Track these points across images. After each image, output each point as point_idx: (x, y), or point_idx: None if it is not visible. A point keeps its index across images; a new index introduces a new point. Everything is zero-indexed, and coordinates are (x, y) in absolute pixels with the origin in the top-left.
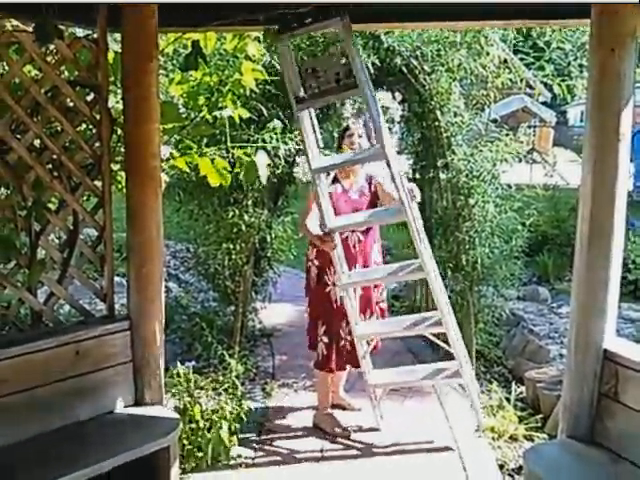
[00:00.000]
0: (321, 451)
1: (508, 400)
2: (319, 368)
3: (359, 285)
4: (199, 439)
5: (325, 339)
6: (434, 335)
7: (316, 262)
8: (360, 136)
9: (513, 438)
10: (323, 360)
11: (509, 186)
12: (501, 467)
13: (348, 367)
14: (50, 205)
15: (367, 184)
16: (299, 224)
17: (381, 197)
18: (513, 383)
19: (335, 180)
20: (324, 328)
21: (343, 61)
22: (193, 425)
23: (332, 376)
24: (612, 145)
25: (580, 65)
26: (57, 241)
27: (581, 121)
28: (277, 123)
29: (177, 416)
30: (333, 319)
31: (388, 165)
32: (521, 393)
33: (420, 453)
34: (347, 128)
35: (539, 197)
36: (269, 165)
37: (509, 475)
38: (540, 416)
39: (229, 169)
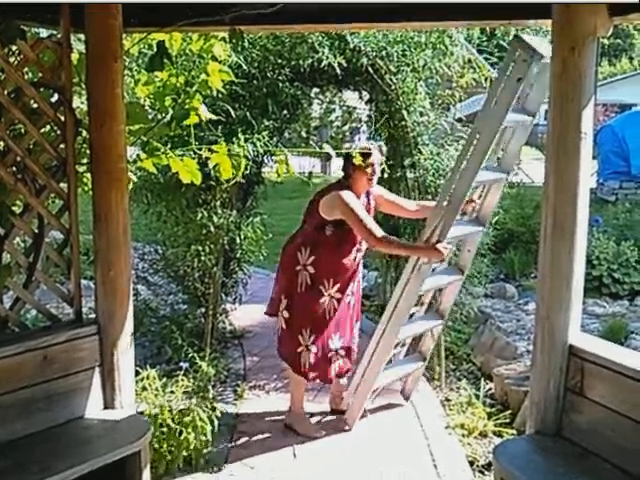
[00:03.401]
0: (293, 452)
1: (477, 397)
2: (303, 376)
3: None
4: (170, 443)
5: (313, 348)
6: None
7: (310, 269)
8: (377, 164)
9: (483, 434)
10: (309, 368)
11: None
12: (471, 463)
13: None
14: (15, 208)
15: (366, 198)
16: (368, 237)
17: (386, 207)
18: (482, 380)
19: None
20: (313, 337)
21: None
22: (164, 429)
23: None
24: (574, 143)
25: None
26: (22, 245)
27: (545, 119)
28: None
29: (148, 420)
30: (324, 329)
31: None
32: (490, 389)
33: (392, 453)
34: (370, 153)
35: (505, 195)
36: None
37: (479, 471)
38: (509, 412)
39: (198, 168)
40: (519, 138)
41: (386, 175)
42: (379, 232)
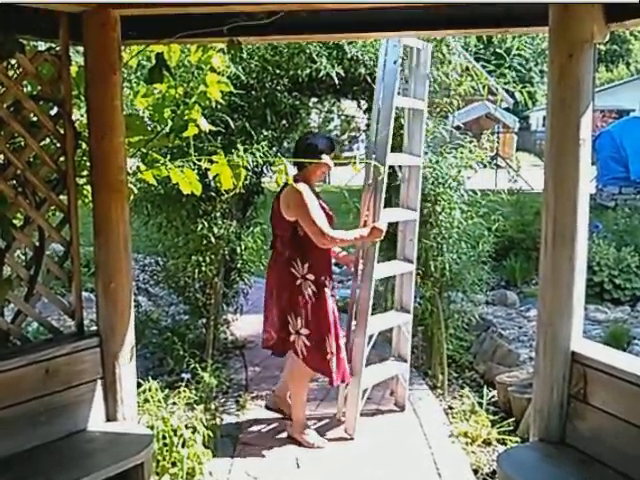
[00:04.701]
0: (297, 462)
1: (480, 405)
2: (339, 381)
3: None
4: (173, 455)
5: (334, 351)
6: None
7: (311, 277)
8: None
9: (486, 442)
10: (337, 374)
11: (474, 192)
12: (475, 472)
13: None
14: (15, 221)
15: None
16: (320, 236)
17: None
18: (485, 387)
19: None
20: (334, 341)
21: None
22: (167, 441)
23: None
24: (572, 150)
25: (541, 71)
26: (23, 258)
27: (543, 126)
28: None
29: (150, 432)
30: (336, 330)
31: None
32: (493, 397)
33: (396, 462)
34: (332, 148)
35: (504, 202)
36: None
37: (483, 479)
38: (512, 419)
39: (198, 179)
40: (417, 121)
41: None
42: (329, 231)
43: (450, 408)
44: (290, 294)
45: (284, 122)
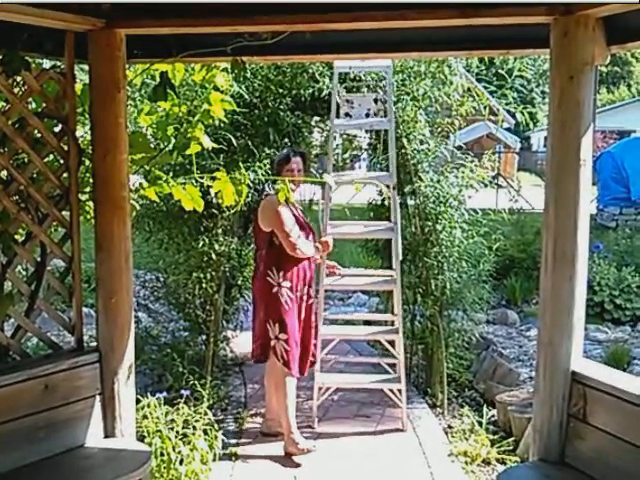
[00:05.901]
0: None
1: (480, 424)
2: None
3: (342, 289)
4: (171, 472)
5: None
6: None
7: (287, 284)
8: (299, 170)
9: (486, 462)
10: (287, 363)
11: (475, 211)
12: None
13: None
14: (17, 237)
15: (294, 208)
16: (289, 243)
17: None
18: (485, 406)
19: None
20: (299, 338)
21: (374, 99)
22: (165, 457)
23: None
24: (573, 171)
25: (542, 92)
26: (24, 273)
27: (544, 146)
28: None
29: (149, 449)
30: (305, 329)
31: (394, 188)
32: (493, 416)
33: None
34: (288, 160)
35: (505, 221)
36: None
37: None
38: (512, 439)
39: (200, 196)
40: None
41: (387, 202)
42: (296, 241)
43: (450, 427)
44: (268, 302)
45: (286, 140)
